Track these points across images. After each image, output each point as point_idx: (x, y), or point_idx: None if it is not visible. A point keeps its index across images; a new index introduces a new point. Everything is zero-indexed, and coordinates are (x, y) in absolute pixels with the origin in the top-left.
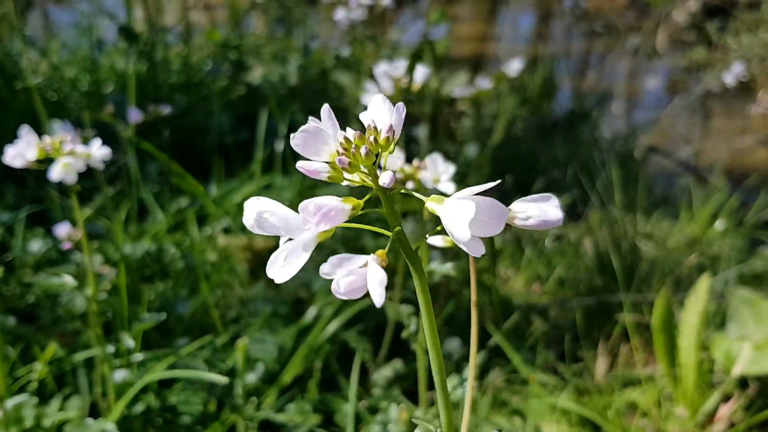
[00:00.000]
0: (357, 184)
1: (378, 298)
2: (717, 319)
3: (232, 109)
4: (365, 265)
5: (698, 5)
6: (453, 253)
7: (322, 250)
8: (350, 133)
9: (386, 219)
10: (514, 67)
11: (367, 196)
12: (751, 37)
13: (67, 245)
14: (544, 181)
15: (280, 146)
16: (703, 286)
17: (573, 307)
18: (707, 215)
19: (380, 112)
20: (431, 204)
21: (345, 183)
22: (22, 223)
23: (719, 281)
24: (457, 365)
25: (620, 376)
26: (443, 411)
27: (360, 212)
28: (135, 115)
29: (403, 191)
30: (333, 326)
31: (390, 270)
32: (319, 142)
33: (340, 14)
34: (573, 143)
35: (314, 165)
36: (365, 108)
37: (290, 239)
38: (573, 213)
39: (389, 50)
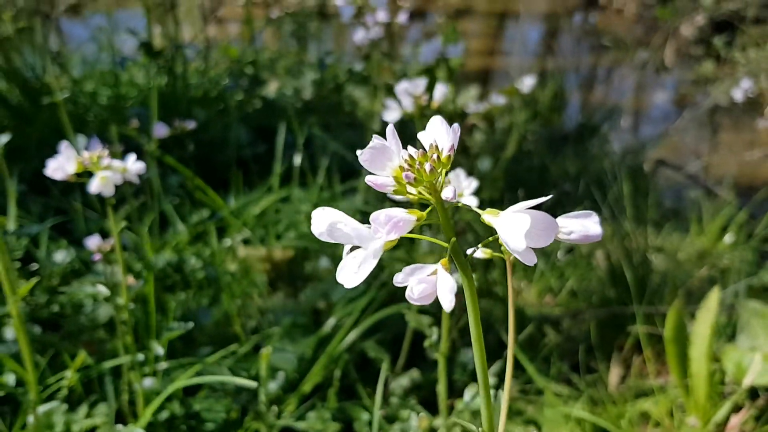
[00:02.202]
0: (416, 198)
1: (447, 303)
2: (728, 330)
3: (249, 122)
4: (434, 273)
5: (706, 20)
6: (470, 264)
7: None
8: (413, 151)
9: (442, 230)
10: (527, 83)
11: (429, 208)
12: (758, 52)
13: (96, 257)
14: (556, 193)
15: (297, 159)
16: (713, 298)
17: (586, 319)
18: (717, 228)
19: (440, 133)
20: (488, 217)
21: (398, 198)
22: (46, 234)
23: (729, 293)
24: (472, 375)
25: (633, 387)
26: (484, 411)
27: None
28: (161, 130)
29: (455, 205)
30: (352, 336)
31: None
32: (384, 158)
33: (359, 35)
34: (583, 157)
35: (381, 179)
36: (381, 122)
37: (355, 248)
38: None
39: (402, 65)
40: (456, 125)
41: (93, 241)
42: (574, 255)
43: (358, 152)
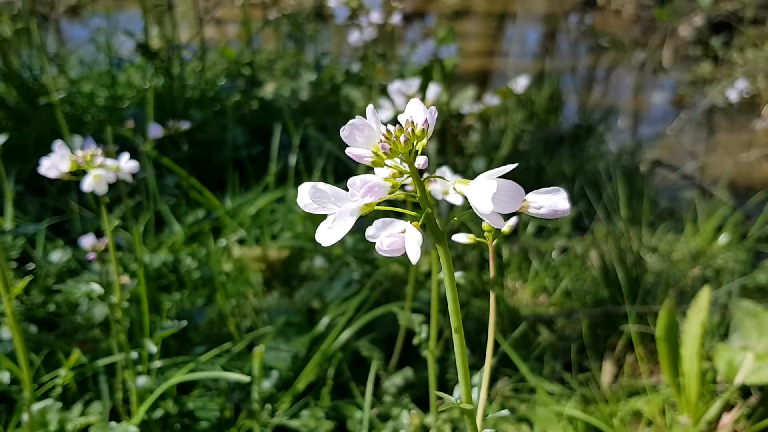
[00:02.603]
0: (393, 169)
1: (414, 255)
2: (721, 330)
3: (246, 123)
4: (403, 231)
5: (704, 21)
6: (461, 264)
7: (334, 262)
8: (391, 127)
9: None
10: (521, 83)
11: (404, 178)
12: (756, 52)
13: (91, 256)
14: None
15: (293, 160)
16: (704, 296)
17: (579, 318)
18: (712, 228)
19: (416, 111)
20: (459, 186)
21: (382, 172)
22: (43, 234)
23: (723, 293)
24: None
25: (626, 386)
26: (462, 380)
27: (396, 193)
28: (156, 131)
29: (430, 177)
30: (345, 335)
31: (401, 281)
32: (364, 134)
33: (354, 36)
34: (579, 157)
35: (359, 150)
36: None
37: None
38: (579, 226)
39: (398, 66)
40: (433, 107)
41: (87, 241)
42: (569, 255)
43: (341, 129)
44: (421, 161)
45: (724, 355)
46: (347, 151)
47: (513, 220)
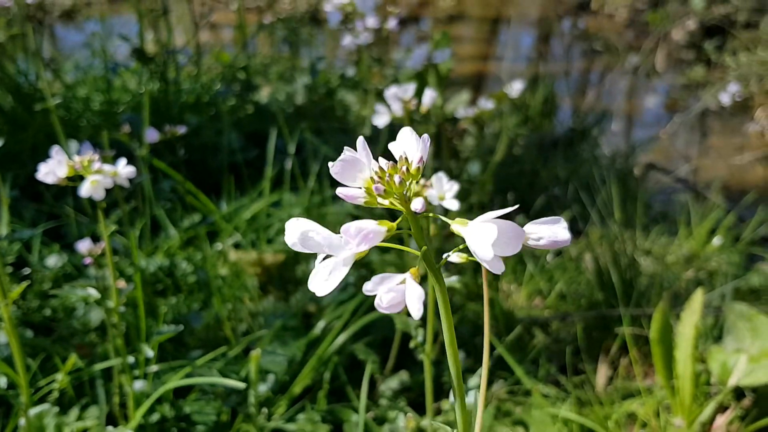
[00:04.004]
0: (388, 207)
1: (416, 312)
2: (715, 332)
3: (241, 127)
4: (403, 282)
5: (697, 25)
6: (457, 268)
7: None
8: (383, 162)
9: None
10: (516, 87)
11: (399, 219)
12: (748, 56)
13: (87, 260)
14: (545, 198)
15: (288, 164)
16: (697, 299)
17: (574, 321)
18: (705, 231)
19: (410, 145)
20: (456, 226)
21: (362, 203)
22: (38, 239)
23: (717, 296)
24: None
25: (620, 388)
26: (459, 412)
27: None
28: (152, 135)
29: (423, 186)
30: (341, 339)
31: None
32: (355, 170)
33: (347, 40)
34: (573, 161)
35: (351, 191)
36: (373, 127)
37: (328, 256)
38: (573, 229)
39: (393, 70)
40: (426, 136)
41: (84, 245)
42: (563, 258)
43: (330, 164)
44: (418, 205)
45: (717, 357)
46: (338, 191)
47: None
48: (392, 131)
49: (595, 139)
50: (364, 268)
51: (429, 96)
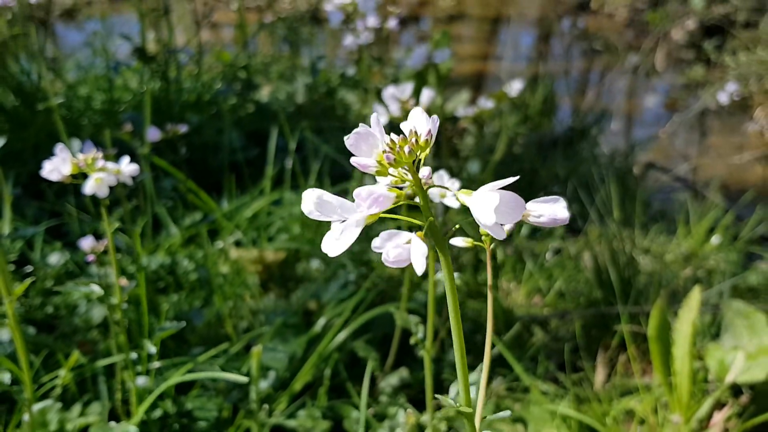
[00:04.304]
0: (396, 180)
1: (420, 267)
2: (712, 329)
3: (242, 126)
4: (409, 241)
5: (696, 24)
6: (457, 265)
7: (330, 263)
8: (395, 137)
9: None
10: (515, 87)
11: (408, 188)
12: (748, 56)
13: (90, 258)
14: (545, 196)
15: (289, 163)
16: (695, 297)
17: (573, 319)
18: (704, 230)
19: (419, 121)
20: (462, 196)
21: (385, 181)
22: (41, 237)
23: (715, 294)
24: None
25: (618, 385)
26: (461, 383)
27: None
28: (153, 134)
29: (431, 184)
30: (342, 336)
31: (397, 282)
32: (368, 143)
33: (348, 40)
34: (573, 160)
35: (364, 160)
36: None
37: (342, 221)
38: (573, 228)
39: (394, 69)
40: (435, 116)
41: (86, 243)
42: (562, 256)
43: (345, 138)
44: (425, 172)
45: (715, 354)
46: (352, 160)
47: (509, 225)
48: (391, 131)
49: (594, 138)
50: (364, 266)
51: (427, 96)
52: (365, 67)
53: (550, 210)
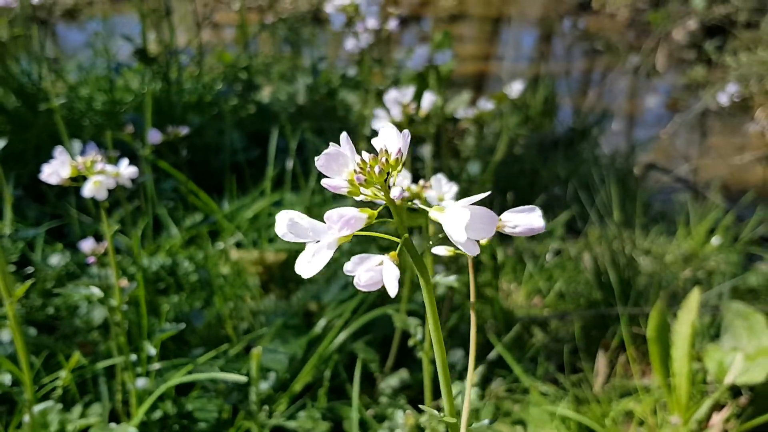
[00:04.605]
0: (370, 198)
1: (392, 290)
2: (712, 331)
3: (243, 127)
4: (381, 263)
5: (697, 25)
6: (456, 267)
7: (331, 266)
8: (366, 155)
9: (396, 229)
10: (516, 88)
11: (380, 208)
12: (749, 56)
13: (90, 259)
14: (545, 197)
15: (289, 164)
16: (694, 298)
17: (572, 320)
18: (704, 231)
19: (390, 138)
20: (434, 213)
21: (358, 198)
22: (42, 238)
23: (714, 295)
24: (460, 375)
25: (618, 386)
26: (445, 395)
27: (374, 221)
28: (155, 136)
29: (410, 206)
30: (342, 337)
31: (398, 282)
32: (339, 163)
33: (350, 44)
34: (573, 161)
35: (335, 182)
36: (373, 129)
37: (317, 242)
38: (573, 229)
39: (395, 70)
40: (406, 131)
41: (87, 245)
42: (563, 257)
43: (316, 159)
44: (396, 192)
45: (714, 355)
46: (323, 182)
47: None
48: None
49: (595, 138)
50: None
51: (428, 99)
52: (366, 68)
53: (526, 220)
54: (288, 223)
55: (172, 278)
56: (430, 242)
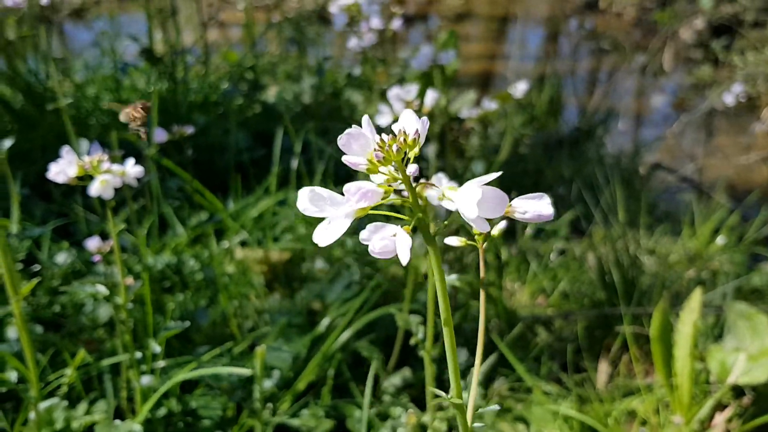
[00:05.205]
0: (387, 179)
1: (404, 257)
2: (715, 331)
3: (249, 127)
4: (394, 234)
5: (704, 24)
6: (459, 266)
7: (335, 264)
8: (385, 137)
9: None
10: (520, 88)
11: (398, 183)
12: (756, 56)
13: (96, 258)
14: (550, 197)
15: (294, 163)
16: (696, 298)
17: (576, 320)
18: (709, 231)
19: (408, 121)
20: (448, 192)
21: (377, 179)
22: (48, 236)
23: (719, 295)
24: (463, 374)
25: (621, 386)
26: (453, 375)
27: (388, 200)
28: (160, 135)
29: (426, 183)
30: (345, 336)
31: (400, 283)
32: (360, 143)
33: (352, 42)
34: (578, 160)
35: (355, 158)
36: (377, 127)
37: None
38: (577, 228)
39: (400, 69)
40: (425, 117)
41: (93, 243)
42: (567, 257)
43: (338, 138)
44: (412, 169)
45: (717, 356)
46: (344, 158)
47: (503, 224)
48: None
49: (600, 138)
50: (369, 266)
51: (431, 97)
52: (369, 68)
53: (535, 206)
54: (309, 194)
55: (177, 277)
56: (442, 224)
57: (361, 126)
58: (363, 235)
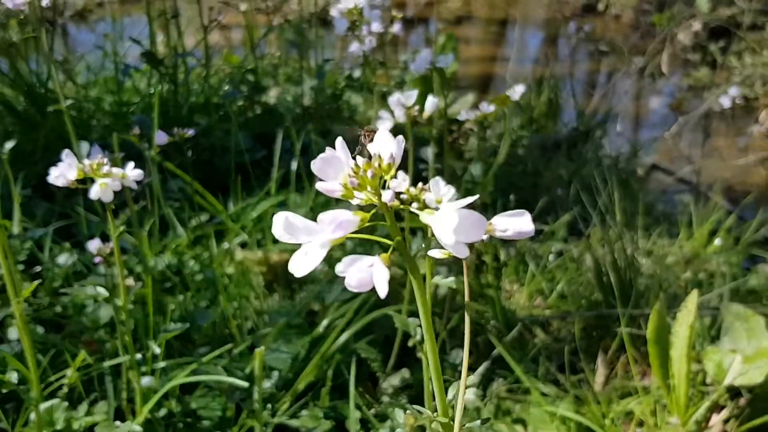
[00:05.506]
0: (365, 202)
1: (382, 291)
2: (713, 332)
3: (249, 128)
4: (372, 265)
5: (702, 26)
6: (458, 268)
7: (334, 265)
8: (360, 160)
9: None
10: (518, 90)
11: (372, 211)
12: (754, 58)
13: (97, 259)
14: (548, 198)
15: (294, 165)
16: (692, 299)
17: (573, 321)
18: (706, 232)
19: (384, 144)
20: (424, 216)
21: (355, 201)
22: (50, 238)
23: (715, 297)
24: (460, 375)
25: (618, 387)
26: (438, 394)
27: (368, 224)
28: (161, 138)
29: (410, 210)
30: (344, 337)
31: (399, 284)
32: (334, 167)
33: (353, 47)
34: (576, 162)
35: (330, 185)
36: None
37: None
38: (575, 230)
39: (400, 71)
40: (400, 137)
41: (94, 245)
42: (565, 259)
43: (312, 163)
44: (387, 197)
45: (713, 357)
46: (317, 185)
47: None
48: (396, 135)
49: (598, 140)
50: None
51: (431, 103)
52: (370, 71)
53: (516, 224)
54: (284, 223)
55: (177, 278)
56: (429, 244)
57: (360, 127)
58: (339, 267)
